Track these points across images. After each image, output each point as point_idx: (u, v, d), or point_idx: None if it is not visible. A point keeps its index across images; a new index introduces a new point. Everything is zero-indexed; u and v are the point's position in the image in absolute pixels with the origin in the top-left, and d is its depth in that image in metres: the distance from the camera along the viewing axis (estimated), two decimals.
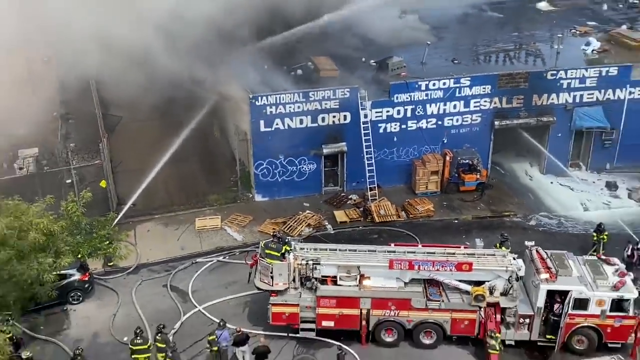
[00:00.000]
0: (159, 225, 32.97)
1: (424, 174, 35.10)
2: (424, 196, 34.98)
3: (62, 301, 27.37)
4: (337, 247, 26.32)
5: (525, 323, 24.84)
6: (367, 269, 25.12)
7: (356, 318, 25.07)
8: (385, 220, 33.14)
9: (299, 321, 25.31)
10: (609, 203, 34.57)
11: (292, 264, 25.03)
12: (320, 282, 25.09)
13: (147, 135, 34.97)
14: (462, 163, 35.08)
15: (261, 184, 34.82)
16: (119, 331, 26.14)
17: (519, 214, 33.97)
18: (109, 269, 29.56)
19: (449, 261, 24.76)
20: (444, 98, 34.57)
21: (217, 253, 30.98)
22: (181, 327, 26.49)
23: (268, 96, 32.83)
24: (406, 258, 24.93)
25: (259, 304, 26.77)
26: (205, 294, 28.29)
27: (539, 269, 24.69)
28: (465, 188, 35.27)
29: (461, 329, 25.02)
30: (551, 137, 36.10)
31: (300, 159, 34.62)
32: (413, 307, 24.81)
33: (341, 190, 35.89)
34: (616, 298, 24.16)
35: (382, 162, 34.88)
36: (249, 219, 33.32)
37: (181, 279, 29.32)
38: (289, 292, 25.15)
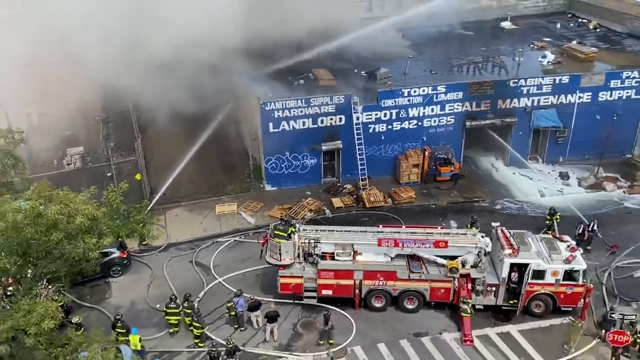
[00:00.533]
0: (185, 211, 32.94)
1: (406, 167, 35.04)
2: (407, 185, 34.92)
3: (105, 275, 27.46)
4: (334, 228, 26.36)
5: (492, 291, 24.86)
6: (359, 247, 25.14)
7: (351, 287, 25.11)
8: (374, 206, 33.11)
9: (303, 290, 25.35)
10: (562, 190, 34.53)
11: (297, 243, 25.03)
12: (320, 258, 25.13)
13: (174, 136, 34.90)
14: (439, 157, 34.98)
15: (270, 176, 34.76)
16: (152, 299, 26.19)
17: (486, 199, 33.93)
18: (143, 247, 29.60)
19: (428, 239, 24.77)
20: (423, 103, 34.45)
21: (234, 234, 31.00)
22: (204, 296, 26.56)
23: (275, 102, 32.70)
24: (392, 237, 24.94)
25: (269, 276, 26.84)
26: (225, 268, 28.34)
27: (503, 245, 24.69)
28: (441, 178, 35.18)
29: (438, 296, 25.05)
30: (513, 135, 35.98)
31: (303, 155, 34.53)
32: (398, 278, 24.84)
33: (337, 180, 35.82)
34: (568, 269, 24.18)
35: (371, 157, 34.79)
36: (261, 205, 33.30)
37: (204, 256, 29.35)
38: (294, 266, 25.18)
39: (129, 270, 28.33)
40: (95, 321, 24.71)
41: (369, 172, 34.44)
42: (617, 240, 29.11)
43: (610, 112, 35.34)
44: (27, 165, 24.64)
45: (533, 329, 24.63)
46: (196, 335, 23.86)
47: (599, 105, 35.45)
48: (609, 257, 28.29)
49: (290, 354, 23.48)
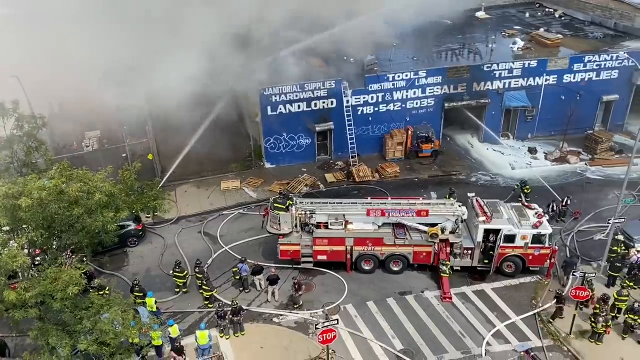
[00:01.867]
0: (193, 187, 32.84)
1: (392, 145, 34.98)
2: (392, 161, 34.88)
3: (123, 245, 27.46)
4: (328, 200, 26.36)
5: (468, 253, 25.03)
6: (350, 216, 25.19)
7: (343, 253, 25.23)
8: (363, 180, 33.10)
9: (300, 256, 25.45)
10: (530, 163, 34.58)
11: (294, 214, 25.04)
12: (315, 227, 25.18)
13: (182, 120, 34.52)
14: (420, 135, 34.90)
15: (269, 155, 34.63)
16: (165, 266, 26.22)
17: (463, 173, 33.97)
18: (157, 219, 29.57)
19: (411, 209, 24.83)
20: (406, 87, 34.25)
21: (238, 207, 30.98)
22: (212, 262, 26.64)
23: (273, 87, 32.40)
24: (379, 207, 24.99)
25: (270, 244, 26.91)
26: (230, 237, 28.38)
27: (478, 213, 24.78)
28: (422, 154, 35.16)
29: (420, 259, 25.21)
30: (487, 115, 35.89)
31: (299, 135, 34.37)
32: (385, 244, 24.95)
33: (330, 158, 35.74)
34: (535, 234, 24.33)
35: (360, 136, 34.68)
36: (261, 181, 33.23)
37: (211, 227, 29.35)
38: (292, 235, 25.24)
39: (144, 240, 28.33)
40: (115, 286, 24.71)
41: (358, 150, 34.38)
42: (579, 207, 29.29)
43: (574, 92, 35.25)
44: (49, 148, 24.43)
45: (505, 286, 24.89)
46: (205, 297, 24.00)
47: (564, 86, 35.35)
48: (572, 222, 28.49)
49: (290, 312, 23.67)
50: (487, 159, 35.37)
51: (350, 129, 33.92)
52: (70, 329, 17.81)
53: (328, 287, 25.04)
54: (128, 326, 17.78)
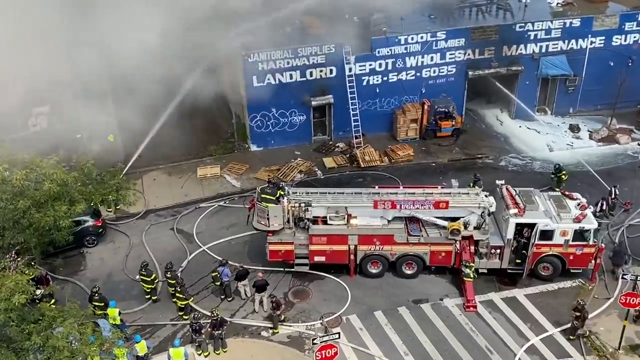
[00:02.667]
0: (163, 175, 32.88)
1: (404, 122, 34.95)
2: (405, 142, 34.89)
3: (79, 245, 27.48)
4: (327, 190, 26.35)
5: (497, 253, 25.13)
6: (354, 209, 25.22)
7: (345, 253, 25.31)
8: (369, 165, 33.13)
9: (293, 257, 25.52)
10: (572, 144, 34.63)
11: (286, 207, 25.06)
12: (312, 222, 25.20)
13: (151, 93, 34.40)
14: (439, 111, 34.88)
15: (256, 135, 34.61)
16: (131, 271, 26.28)
17: (490, 156, 34.02)
18: (120, 214, 29.59)
19: (428, 200, 24.87)
20: (421, 51, 34.16)
21: (218, 198, 31.04)
22: (188, 265, 26.73)
23: (259, 53, 32.29)
24: (389, 198, 25.02)
25: (257, 243, 26.98)
26: (209, 235, 28.45)
27: (509, 204, 24.84)
28: (441, 134, 35.18)
29: (439, 260, 25.31)
30: (520, 85, 35.90)
31: (291, 111, 34.31)
32: (396, 242, 25.03)
33: (329, 139, 35.72)
34: (578, 229, 24.41)
35: (366, 112, 34.66)
36: (246, 167, 33.24)
37: (186, 222, 29.43)
38: (284, 232, 25.27)
39: (105, 239, 28.40)
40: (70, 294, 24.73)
41: (364, 128, 34.37)
42: (630, 196, 29.36)
43: (625, 57, 35.19)
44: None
45: (541, 293, 25.05)
46: (180, 307, 24.09)
47: (613, 50, 35.27)
48: (622, 214, 28.60)
49: (281, 324, 23.81)
50: (519, 138, 35.41)
51: (354, 103, 33.89)
52: (16, 346, 17.87)
53: (327, 294, 25.16)
54: (86, 342, 17.86)
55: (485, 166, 33.09)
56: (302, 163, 33.35)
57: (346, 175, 32.80)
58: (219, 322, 22.50)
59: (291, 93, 33.53)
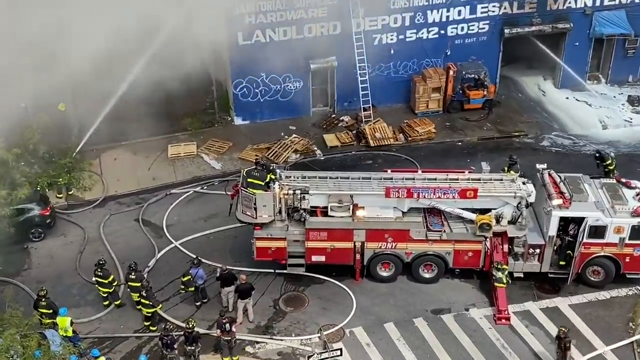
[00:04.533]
0: (127, 153, 32.87)
1: (424, 91, 34.92)
2: (425, 116, 34.88)
3: (22, 238, 27.48)
4: (328, 174, 26.38)
5: (535, 253, 25.19)
6: (361, 198, 25.24)
7: (349, 252, 25.36)
8: (380, 144, 33.16)
9: (286, 256, 25.56)
10: (631, 120, 34.61)
11: (278, 194, 25.06)
12: (309, 214, 25.25)
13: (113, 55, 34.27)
14: (467, 78, 34.88)
15: (241, 106, 34.60)
16: (86, 270, 26.28)
17: (529, 133, 34.04)
18: (73, 201, 29.61)
19: (452, 187, 24.87)
20: (446, 3, 34.09)
21: (194, 183, 31.09)
22: (156, 265, 26.79)
23: (246, 3, 32.18)
24: (404, 185, 25.03)
25: (241, 238, 27.00)
26: (182, 228, 28.51)
27: (551, 194, 24.84)
28: (470, 106, 35.19)
29: (465, 261, 25.38)
30: (567, 46, 35.83)
31: (285, 77, 34.29)
32: (412, 239, 25.08)
33: (331, 111, 35.72)
34: (636, 225, 24.42)
35: (377, 79, 34.64)
36: (228, 145, 33.26)
37: (154, 212, 29.47)
38: (274, 224, 25.31)
39: (54, 232, 28.43)
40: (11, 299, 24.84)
41: (374, 99, 34.38)
42: None
43: None
44: None
45: (589, 302, 25.15)
46: (146, 315, 24.19)
47: None
48: None
49: (271, 337, 23.92)
50: (566, 113, 35.44)
51: (363, 68, 33.84)
52: None
53: (327, 302, 25.25)
54: (31, 358, 17.91)
55: (524, 146, 33.11)
56: (297, 141, 33.37)
57: (352, 156, 32.84)
58: (192, 337, 22.55)
59: (285, 54, 33.34)
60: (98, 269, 24.54)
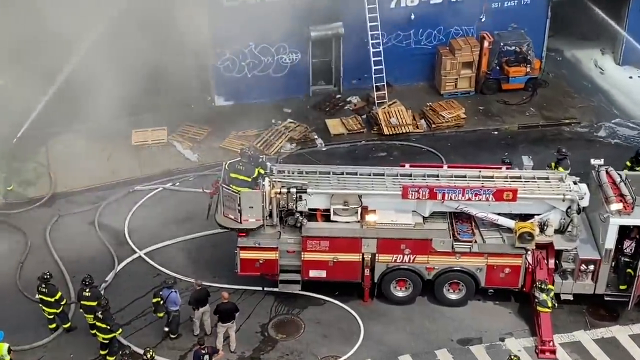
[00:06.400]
0: (80, 140, 32.94)
1: (452, 67, 35.09)
2: (452, 98, 35.06)
3: None
4: (331, 169, 26.41)
5: (589, 271, 25.17)
6: (371, 199, 25.28)
7: (356, 266, 25.39)
8: (397, 132, 33.32)
9: (277, 271, 25.61)
10: None
11: (268, 193, 25.08)
12: (307, 218, 25.31)
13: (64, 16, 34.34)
14: (507, 51, 35.11)
15: (223, 83, 34.88)
16: (28, 284, 26.23)
17: (583, 121, 34.22)
18: (12, 198, 29.75)
19: (485, 187, 24.84)
20: None
21: (164, 178, 31.23)
22: (115, 280, 26.85)
23: None
24: (426, 184, 25.06)
25: (222, 247, 27.14)
26: (148, 234, 28.58)
27: (610, 197, 24.78)
28: (509, 86, 35.40)
29: (500, 279, 25.36)
30: (632, 12, 36.07)
31: (279, 47, 34.50)
32: (435, 251, 25.10)
33: (336, 90, 35.87)
34: None
35: (394, 51, 34.89)
36: (207, 131, 33.46)
37: (114, 214, 29.56)
38: (263, 231, 25.34)
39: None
40: None
41: (390, 75, 34.61)
42: None
43: None
44: None
45: None
46: (103, 342, 24.21)
47: None
48: None
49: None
50: (629, 96, 35.67)
51: (376, 37, 34.00)
52: None
53: (328, 328, 25.32)
54: None
55: (576, 137, 33.24)
56: (293, 127, 33.53)
57: (361, 146, 33.01)
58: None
59: (279, 18, 33.45)
60: (43, 285, 24.52)
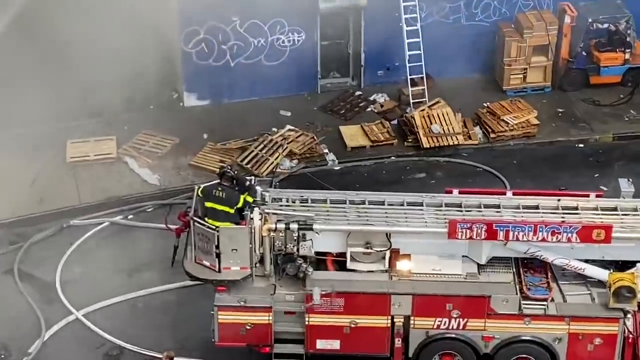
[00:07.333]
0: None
1: (519, 53, 35.31)
2: (520, 96, 35.20)
3: None
4: (347, 196, 26.46)
5: None
6: (405, 240, 25.30)
7: (383, 333, 25.40)
8: (441, 145, 33.47)
9: (271, 340, 25.65)
10: None
11: (259, 230, 25.13)
12: (314, 265, 25.37)
13: None
14: (597, 30, 35.31)
15: (196, 74, 35.27)
16: None
17: None
18: None
19: (567, 223, 24.91)
20: None
21: (111, 208, 31.40)
22: (43, 351, 26.90)
23: None
24: (482, 217, 25.14)
25: (192, 306, 27.33)
26: (89, 288, 28.66)
27: None
28: (600, 79, 35.68)
29: (588, 353, 25.32)
30: None
31: (274, 24, 34.76)
32: (494, 312, 25.09)
33: (355, 85, 36.13)
34: None
35: (436, 30, 35.31)
36: (172, 142, 33.70)
37: (42, 259, 29.68)
38: (252, 283, 25.39)
39: None
40: None
41: (431, 65, 34.97)
42: None
43: None
44: None
45: None
46: None
47: None
48: None
49: None
50: None
51: (412, 9, 34.28)
52: None
53: None
54: None
55: None
56: (294, 137, 33.69)
57: (390, 164, 33.17)
58: None
59: None
60: None
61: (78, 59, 33.67)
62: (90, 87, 34.78)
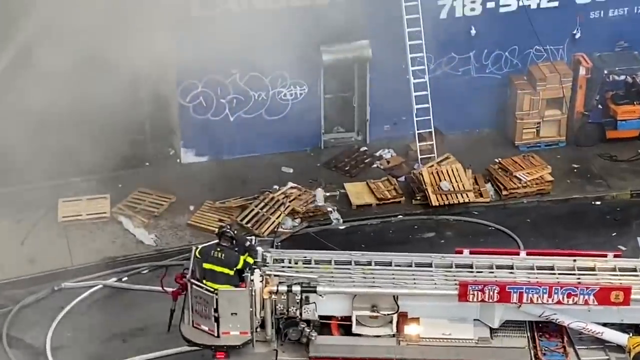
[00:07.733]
0: None
1: (532, 106, 35.41)
2: (533, 151, 35.29)
3: None
4: (352, 257, 26.43)
5: None
6: (413, 302, 25.29)
7: None
8: (451, 202, 33.51)
9: None
10: None
11: (260, 293, 25.12)
12: (318, 330, 25.38)
13: None
14: (613, 82, 35.42)
15: (193, 129, 35.36)
16: None
17: None
18: None
19: (584, 284, 24.91)
20: None
21: (105, 271, 31.39)
22: None
23: None
24: (495, 279, 25.16)
25: None
26: (81, 354, 28.61)
27: None
28: (618, 133, 35.77)
29: None
30: None
31: (276, 76, 34.98)
32: None
33: (360, 140, 36.24)
34: None
35: (445, 82, 35.40)
36: (169, 201, 33.78)
37: (32, 323, 29.62)
38: (253, 349, 25.36)
39: None
40: None
41: (440, 119, 35.03)
42: None
43: None
44: None
45: None
46: None
47: None
48: None
49: None
50: None
51: (419, 61, 34.41)
52: None
53: None
54: None
55: None
56: (297, 194, 33.76)
57: (398, 222, 33.21)
58: None
59: (277, 34, 33.88)
60: None
61: (69, 113, 33.78)
62: (83, 142, 34.90)
